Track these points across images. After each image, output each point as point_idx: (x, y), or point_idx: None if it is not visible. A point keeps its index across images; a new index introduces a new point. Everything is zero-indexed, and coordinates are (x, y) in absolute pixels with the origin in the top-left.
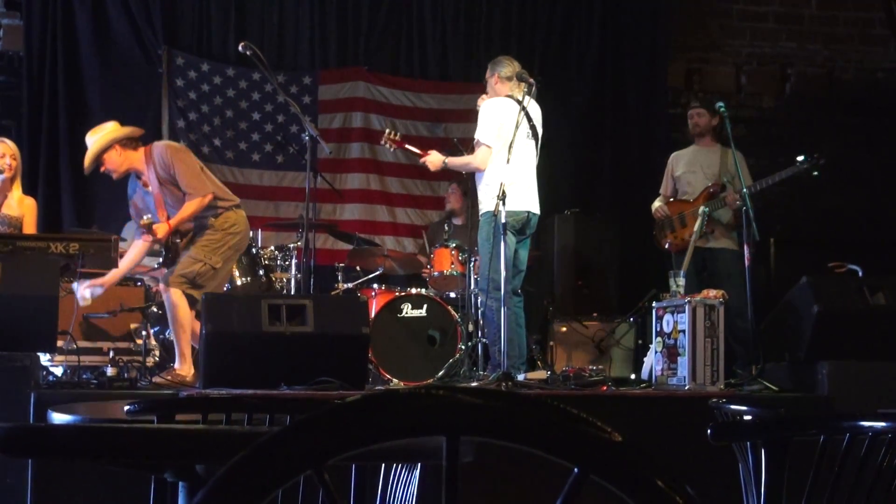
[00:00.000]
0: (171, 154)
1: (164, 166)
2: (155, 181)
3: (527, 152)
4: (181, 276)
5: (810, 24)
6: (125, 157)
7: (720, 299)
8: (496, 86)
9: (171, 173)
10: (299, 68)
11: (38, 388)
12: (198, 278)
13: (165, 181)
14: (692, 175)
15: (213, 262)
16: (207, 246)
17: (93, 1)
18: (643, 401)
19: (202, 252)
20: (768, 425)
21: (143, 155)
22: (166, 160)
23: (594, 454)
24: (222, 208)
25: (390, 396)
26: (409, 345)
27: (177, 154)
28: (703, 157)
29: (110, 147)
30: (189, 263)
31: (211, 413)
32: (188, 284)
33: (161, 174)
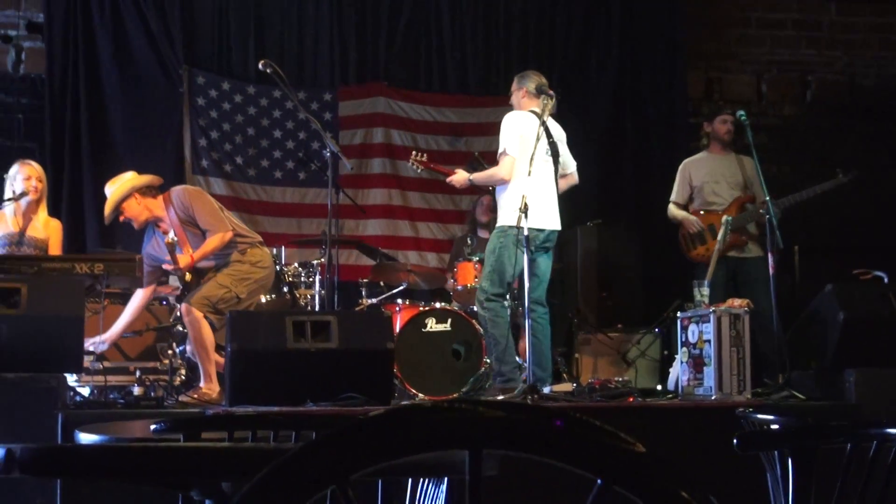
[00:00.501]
0: (189, 196)
1: (184, 208)
2: (177, 222)
3: (545, 169)
4: (205, 298)
5: (830, 30)
6: (145, 206)
7: (745, 308)
8: (522, 100)
9: (190, 214)
10: (319, 85)
11: (65, 409)
12: (220, 303)
13: (186, 222)
14: (716, 185)
15: (237, 291)
16: (234, 275)
17: (113, 22)
18: (670, 411)
19: (228, 279)
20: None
21: (162, 202)
22: (185, 202)
23: (617, 466)
24: (245, 244)
25: (413, 411)
26: (433, 359)
27: (195, 195)
28: (722, 165)
29: (129, 196)
30: (214, 288)
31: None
32: (210, 308)
33: (181, 215)
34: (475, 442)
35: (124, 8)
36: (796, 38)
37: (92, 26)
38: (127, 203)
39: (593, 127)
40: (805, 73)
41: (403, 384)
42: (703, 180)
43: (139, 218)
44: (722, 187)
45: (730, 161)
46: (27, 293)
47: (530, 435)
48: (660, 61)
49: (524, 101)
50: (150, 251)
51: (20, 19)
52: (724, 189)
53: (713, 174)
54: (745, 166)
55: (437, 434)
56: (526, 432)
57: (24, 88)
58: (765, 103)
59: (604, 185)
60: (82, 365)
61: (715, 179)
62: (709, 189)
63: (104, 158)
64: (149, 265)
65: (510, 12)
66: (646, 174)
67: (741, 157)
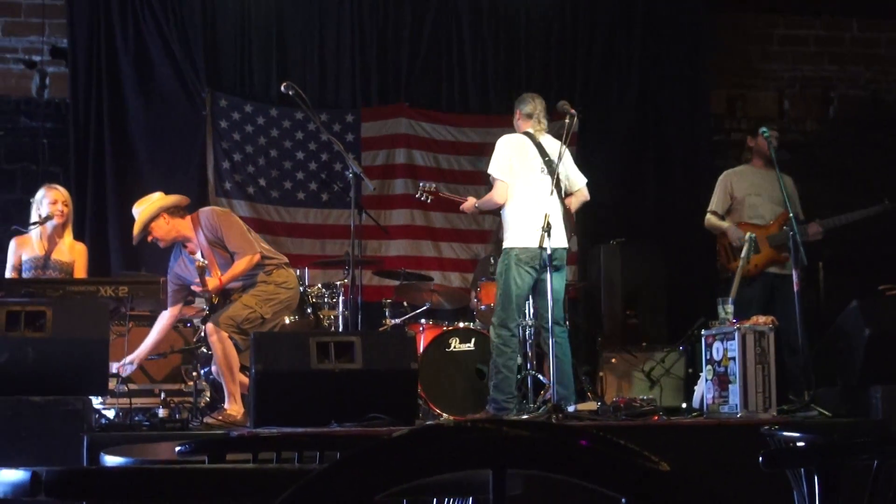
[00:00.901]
0: (218, 217)
1: (212, 229)
2: (205, 244)
3: (541, 188)
4: (230, 318)
5: (852, 46)
6: (172, 226)
7: (770, 325)
8: (518, 122)
9: (218, 236)
10: (341, 106)
11: (90, 431)
12: (245, 323)
13: (214, 244)
14: (757, 198)
15: (262, 312)
16: (259, 296)
17: (136, 47)
18: (695, 430)
19: (253, 300)
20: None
21: (189, 222)
22: (213, 223)
23: (642, 485)
24: (272, 266)
25: (436, 430)
26: (457, 379)
27: (223, 217)
28: (765, 180)
29: (158, 216)
30: (239, 308)
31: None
32: (234, 328)
33: (209, 237)
34: (499, 461)
35: (147, 32)
36: (818, 54)
37: (115, 51)
38: (155, 223)
39: (615, 145)
40: (828, 89)
41: (428, 404)
42: (745, 193)
43: (167, 238)
44: (763, 201)
45: (772, 177)
46: (52, 316)
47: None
48: (682, 79)
49: (519, 122)
50: (177, 271)
51: (44, 45)
52: (766, 204)
53: (755, 187)
54: (786, 183)
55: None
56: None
57: (48, 113)
58: (787, 120)
59: (627, 203)
60: (107, 387)
61: (757, 193)
62: (750, 202)
63: (128, 182)
64: (174, 284)
65: (531, 31)
66: (668, 192)
67: (783, 174)
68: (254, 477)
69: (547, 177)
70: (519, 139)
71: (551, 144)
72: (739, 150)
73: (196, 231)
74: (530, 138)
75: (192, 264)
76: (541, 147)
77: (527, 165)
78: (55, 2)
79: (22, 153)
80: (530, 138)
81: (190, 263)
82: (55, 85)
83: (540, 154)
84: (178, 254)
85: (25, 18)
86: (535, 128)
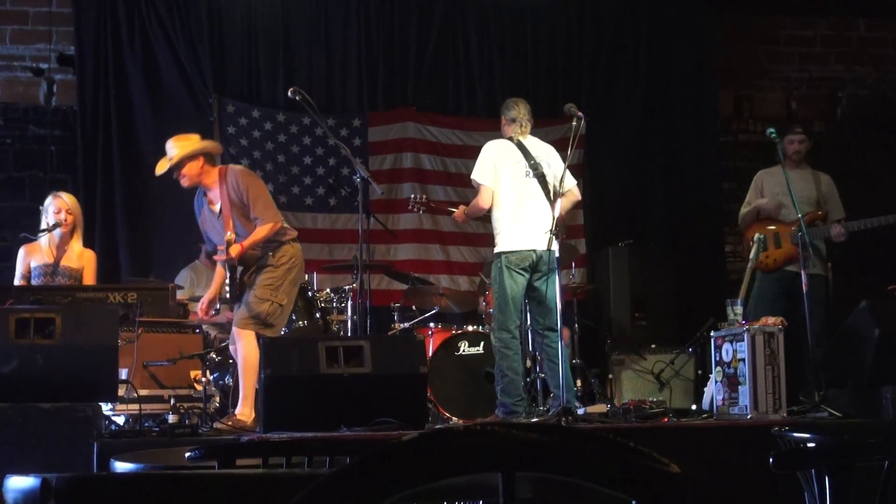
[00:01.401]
0: (246, 179)
1: (238, 190)
2: (225, 202)
3: (528, 191)
4: (251, 317)
5: (859, 45)
6: (205, 171)
7: (779, 326)
8: (504, 127)
9: (242, 198)
10: (348, 111)
11: (100, 438)
12: (268, 318)
13: (235, 205)
14: (785, 197)
15: (278, 300)
16: (270, 284)
17: (143, 53)
18: (705, 431)
19: (267, 291)
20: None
21: (217, 174)
22: (241, 182)
23: (651, 487)
24: (286, 240)
25: (445, 434)
26: (467, 382)
27: (251, 179)
28: (795, 180)
29: (196, 157)
30: (256, 304)
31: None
32: (260, 325)
33: (233, 197)
34: (508, 464)
35: (154, 39)
36: (825, 54)
37: (122, 58)
38: (192, 162)
39: (623, 147)
40: (835, 89)
41: (437, 408)
42: (774, 192)
43: (193, 180)
44: (791, 200)
45: (804, 176)
46: (62, 323)
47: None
48: (689, 80)
49: (505, 128)
50: (200, 222)
51: (51, 52)
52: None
53: (782, 186)
54: (820, 182)
55: (469, 457)
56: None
57: (56, 121)
58: (795, 120)
59: (634, 205)
60: (117, 394)
61: (784, 192)
62: (780, 201)
63: (136, 188)
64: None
65: (537, 34)
66: (676, 193)
67: (818, 173)
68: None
69: (533, 180)
70: (502, 144)
71: (537, 147)
72: (747, 150)
73: (221, 185)
74: (514, 143)
75: (212, 217)
76: (525, 150)
77: (511, 170)
78: (62, 9)
79: (30, 161)
80: (514, 143)
81: (210, 216)
82: (63, 92)
83: (525, 157)
84: (200, 202)
85: (33, 26)
86: (518, 132)
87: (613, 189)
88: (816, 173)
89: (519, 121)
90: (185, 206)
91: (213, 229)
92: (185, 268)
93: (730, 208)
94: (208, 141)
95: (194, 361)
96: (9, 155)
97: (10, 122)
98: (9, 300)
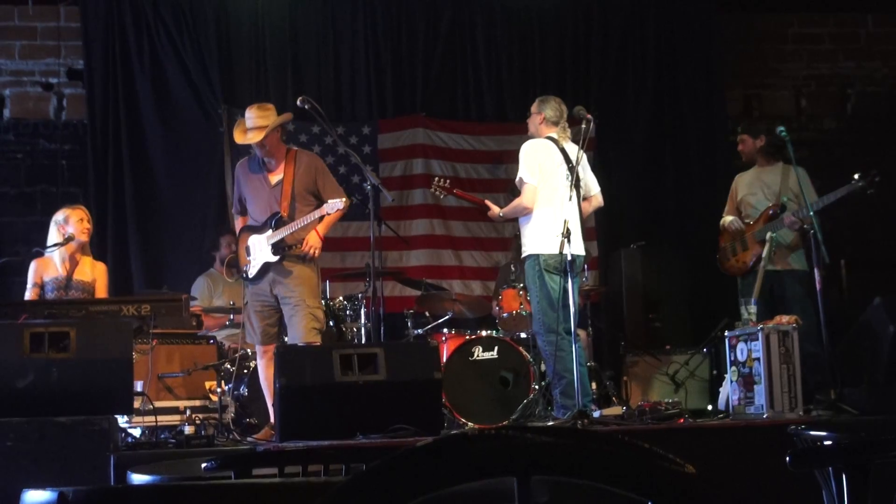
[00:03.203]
0: (321, 164)
1: (312, 170)
2: (289, 179)
3: (567, 195)
4: (318, 329)
5: (868, 42)
6: (278, 143)
7: (793, 324)
8: (540, 126)
9: (314, 179)
10: (358, 119)
11: (117, 450)
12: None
13: (304, 185)
14: (752, 197)
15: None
16: (313, 290)
17: (152, 66)
18: (722, 432)
19: (314, 300)
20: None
21: (284, 149)
22: (317, 166)
23: (667, 488)
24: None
25: (460, 439)
26: (482, 387)
27: (324, 166)
28: (764, 177)
29: (279, 128)
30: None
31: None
32: (318, 331)
33: (305, 177)
34: (523, 469)
35: (162, 51)
36: (834, 51)
37: (131, 71)
38: (275, 133)
39: (633, 148)
40: (844, 86)
41: (452, 413)
42: (744, 193)
43: (270, 150)
44: (758, 199)
45: (773, 172)
46: (76, 337)
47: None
48: (697, 80)
49: (542, 127)
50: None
51: (60, 67)
52: (760, 201)
53: (752, 186)
54: (788, 177)
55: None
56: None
57: (66, 135)
58: (804, 118)
59: (645, 206)
60: (133, 406)
61: (752, 192)
62: (747, 201)
63: (147, 200)
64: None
65: (545, 37)
66: (687, 193)
67: (788, 167)
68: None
69: (569, 183)
70: (544, 145)
71: (573, 149)
72: None
73: (288, 164)
74: (556, 145)
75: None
76: (565, 153)
77: (555, 172)
78: (70, 24)
79: (41, 175)
80: (556, 145)
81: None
82: (72, 106)
83: (565, 160)
84: (253, 169)
85: (41, 41)
86: (561, 135)
87: (624, 191)
88: (787, 167)
89: (561, 124)
90: (196, 217)
91: (259, 196)
92: (201, 276)
93: None
94: (284, 114)
95: (209, 372)
96: (20, 169)
97: (20, 137)
98: (23, 315)
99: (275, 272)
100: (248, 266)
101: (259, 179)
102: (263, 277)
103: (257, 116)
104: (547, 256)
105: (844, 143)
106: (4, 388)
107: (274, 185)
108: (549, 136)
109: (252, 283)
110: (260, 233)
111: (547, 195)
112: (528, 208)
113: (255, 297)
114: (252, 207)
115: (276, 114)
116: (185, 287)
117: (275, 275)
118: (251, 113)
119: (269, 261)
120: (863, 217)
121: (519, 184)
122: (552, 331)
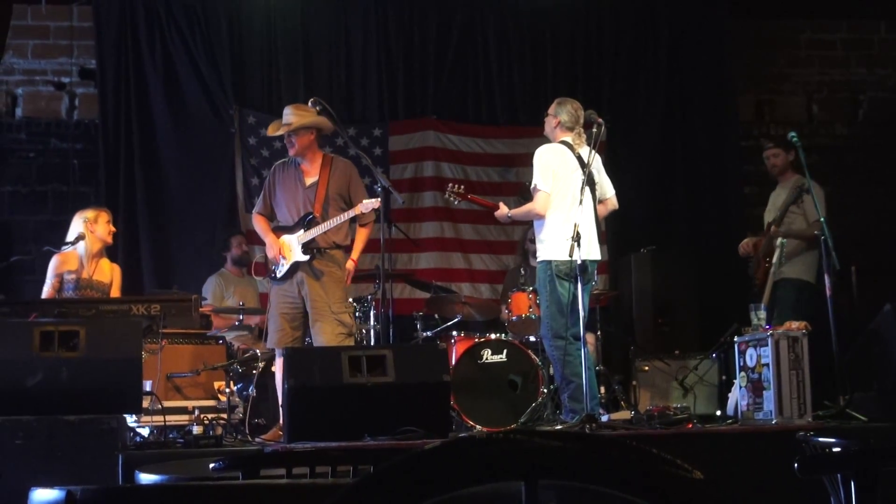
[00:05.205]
0: (355, 171)
1: (346, 178)
2: (324, 184)
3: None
4: (341, 334)
5: (880, 48)
6: (312, 145)
7: (803, 330)
8: (555, 129)
9: (348, 185)
10: (369, 120)
11: (125, 450)
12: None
13: (338, 191)
14: (768, 213)
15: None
16: (341, 293)
17: (164, 66)
18: (730, 437)
19: (340, 304)
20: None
21: (321, 155)
22: (350, 173)
23: (675, 493)
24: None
25: (467, 442)
26: (490, 390)
27: (357, 173)
28: (779, 191)
29: (311, 129)
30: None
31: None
32: (346, 335)
33: (338, 181)
34: (531, 473)
35: (174, 51)
36: (846, 57)
37: (143, 71)
38: (307, 133)
39: (643, 153)
40: (856, 92)
41: (461, 416)
42: (767, 208)
43: (301, 150)
44: (770, 213)
45: (786, 185)
46: (86, 336)
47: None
48: (709, 86)
49: (557, 131)
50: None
51: (73, 66)
52: (772, 214)
53: (770, 202)
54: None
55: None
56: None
57: (78, 134)
58: (816, 124)
59: (656, 211)
60: (141, 406)
61: (769, 207)
62: (765, 218)
63: (158, 200)
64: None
65: (557, 42)
66: (698, 199)
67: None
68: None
69: (587, 188)
70: (559, 150)
71: (587, 155)
72: None
73: (323, 168)
74: (571, 150)
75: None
76: (581, 159)
77: (569, 178)
78: (83, 23)
79: (53, 174)
80: (571, 150)
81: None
82: (84, 106)
83: (580, 166)
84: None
85: (54, 41)
86: (576, 140)
87: (635, 195)
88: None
89: (577, 129)
90: (207, 217)
91: (293, 197)
92: (212, 276)
93: (751, 213)
94: (323, 118)
95: (218, 372)
96: (32, 168)
97: (32, 136)
98: (33, 314)
99: (304, 272)
100: (277, 266)
101: (293, 180)
102: (292, 277)
103: (291, 114)
104: (559, 262)
105: (856, 150)
106: (14, 387)
107: (308, 187)
108: (563, 141)
109: (279, 283)
110: (291, 233)
111: (561, 201)
112: (539, 214)
113: (282, 298)
114: (284, 208)
115: (314, 115)
116: (196, 287)
117: (304, 275)
118: (288, 110)
119: (299, 260)
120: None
121: (533, 190)
122: (560, 336)
